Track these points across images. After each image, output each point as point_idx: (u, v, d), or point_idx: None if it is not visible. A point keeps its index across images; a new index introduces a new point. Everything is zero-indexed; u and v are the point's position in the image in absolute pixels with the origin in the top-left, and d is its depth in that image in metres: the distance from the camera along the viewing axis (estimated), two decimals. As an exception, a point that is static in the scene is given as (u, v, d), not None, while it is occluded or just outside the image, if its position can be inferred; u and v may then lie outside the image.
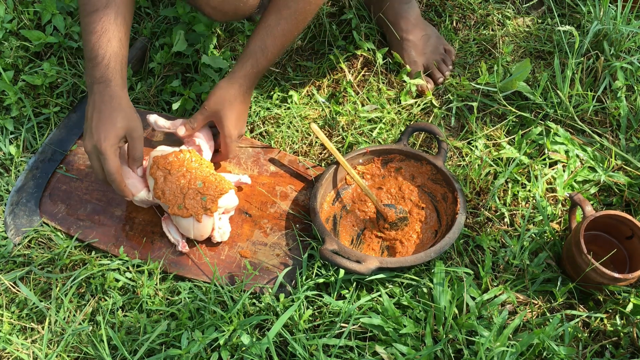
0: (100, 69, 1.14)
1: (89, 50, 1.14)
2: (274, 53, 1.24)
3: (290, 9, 1.20)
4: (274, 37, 1.22)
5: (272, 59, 1.24)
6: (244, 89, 1.25)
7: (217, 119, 1.25)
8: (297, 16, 1.21)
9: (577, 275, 1.14)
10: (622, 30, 1.47)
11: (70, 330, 1.12)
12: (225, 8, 1.15)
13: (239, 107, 1.26)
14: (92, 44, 1.14)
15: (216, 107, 1.24)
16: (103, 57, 1.14)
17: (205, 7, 1.17)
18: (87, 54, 1.15)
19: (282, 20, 1.21)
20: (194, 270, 1.20)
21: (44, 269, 1.22)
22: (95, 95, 1.15)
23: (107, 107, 1.14)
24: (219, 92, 1.24)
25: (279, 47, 1.24)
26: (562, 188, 1.29)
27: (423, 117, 1.48)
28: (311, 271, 1.18)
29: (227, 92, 1.24)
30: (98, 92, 1.15)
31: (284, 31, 1.22)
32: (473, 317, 1.09)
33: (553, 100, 1.43)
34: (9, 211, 1.29)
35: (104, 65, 1.14)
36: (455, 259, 1.22)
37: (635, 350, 1.10)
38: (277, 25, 1.21)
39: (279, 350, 1.11)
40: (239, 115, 1.27)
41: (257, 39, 1.22)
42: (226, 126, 1.25)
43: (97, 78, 1.15)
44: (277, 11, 1.21)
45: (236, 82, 1.24)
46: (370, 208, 1.32)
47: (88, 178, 1.34)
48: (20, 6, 1.52)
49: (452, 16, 1.69)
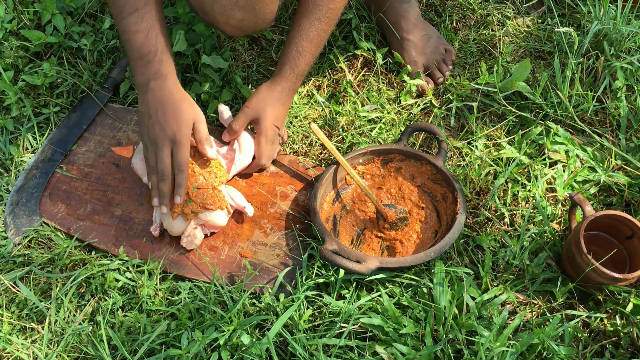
0: (154, 65, 1.16)
1: (138, 49, 1.15)
2: (311, 54, 1.27)
3: (321, 10, 1.23)
4: (309, 39, 1.25)
5: (310, 60, 1.28)
6: (285, 92, 1.28)
7: (256, 119, 1.28)
8: (329, 15, 1.25)
9: (577, 275, 1.14)
10: (622, 30, 1.47)
11: (70, 330, 1.12)
12: (244, 25, 1.17)
13: (279, 109, 1.29)
14: (141, 42, 1.15)
15: (258, 107, 1.27)
16: (155, 53, 1.16)
17: (225, 26, 1.18)
18: (134, 53, 1.16)
19: (315, 22, 1.24)
20: (194, 270, 1.20)
21: (44, 269, 1.22)
22: (152, 91, 1.16)
23: (171, 101, 1.16)
24: (261, 94, 1.28)
25: (314, 48, 1.27)
26: (562, 188, 1.29)
27: (423, 117, 1.48)
28: (311, 271, 1.18)
29: (269, 94, 1.28)
30: (156, 88, 1.16)
31: (319, 31, 1.25)
32: (473, 317, 1.09)
33: (553, 100, 1.43)
34: (8, 211, 1.29)
35: (158, 61, 1.16)
36: (455, 259, 1.22)
37: (635, 350, 1.10)
38: (311, 27, 1.24)
39: (279, 350, 1.11)
40: (278, 116, 1.30)
41: (293, 44, 1.26)
42: (263, 125, 1.28)
43: (152, 75, 1.16)
44: (308, 14, 1.24)
45: (278, 84, 1.28)
46: (370, 208, 1.32)
47: (88, 178, 1.34)
48: (20, 6, 1.52)
49: (452, 16, 1.69)
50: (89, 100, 1.45)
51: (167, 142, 1.15)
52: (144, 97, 1.18)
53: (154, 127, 1.16)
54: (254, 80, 1.54)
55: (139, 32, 1.15)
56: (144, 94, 1.18)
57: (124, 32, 1.16)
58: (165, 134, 1.15)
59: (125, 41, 1.16)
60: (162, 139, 1.15)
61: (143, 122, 1.19)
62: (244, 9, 1.14)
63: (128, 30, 1.15)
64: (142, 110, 1.18)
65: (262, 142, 1.30)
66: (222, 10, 1.14)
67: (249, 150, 1.31)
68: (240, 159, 1.30)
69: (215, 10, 1.14)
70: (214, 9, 1.14)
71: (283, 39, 1.61)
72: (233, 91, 1.47)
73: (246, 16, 1.15)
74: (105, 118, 1.44)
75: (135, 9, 1.14)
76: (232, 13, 1.14)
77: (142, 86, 1.18)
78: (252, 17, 1.15)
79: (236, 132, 1.29)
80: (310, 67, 1.30)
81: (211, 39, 1.49)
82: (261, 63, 1.57)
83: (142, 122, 1.19)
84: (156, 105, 1.16)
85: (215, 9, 1.14)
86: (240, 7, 1.13)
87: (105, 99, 1.45)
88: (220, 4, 1.13)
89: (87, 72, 1.48)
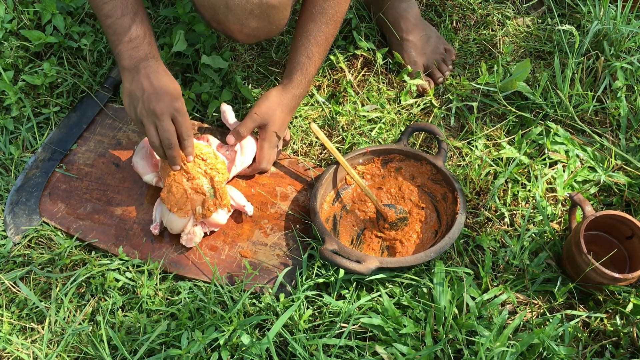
0: (143, 47, 1.17)
1: (124, 32, 1.16)
2: (320, 59, 1.28)
3: (327, 14, 1.24)
4: (318, 44, 1.26)
5: (319, 64, 1.29)
6: (296, 99, 1.30)
7: (263, 125, 1.29)
8: (335, 19, 1.26)
9: (577, 275, 1.14)
10: (622, 30, 1.47)
11: (70, 330, 1.12)
12: (258, 33, 1.16)
13: (287, 116, 1.31)
14: (127, 25, 1.16)
15: (267, 113, 1.27)
16: (144, 37, 1.17)
17: (239, 35, 1.17)
18: (121, 37, 1.16)
19: (322, 26, 1.25)
20: (194, 270, 1.20)
21: (44, 269, 1.22)
22: (143, 71, 1.17)
23: (161, 78, 1.17)
24: (271, 99, 1.28)
25: (323, 51, 1.28)
26: (562, 188, 1.29)
27: (423, 117, 1.48)
28: (311, 271, 1.18)
29: (280, 100, 1.28)
30: (147, 68, 1.17)
31: (326, 35, 1.26)
32: (473, 317, 1.09)
33: (553, 100, 1.43)
34: (8, 210, 1.29)
35: (147, 43, 1.18)
36: (455, 259, 1.22)
37: (635, 350, 1.10)
38: (318, 32, 1.25)
39: (279, 350, 1.11)
40: (284, 122, 1.30)
41: (302, 49, 1.26)
42: (269, 131, 1.28)
43: (142, 56, 1.17)
44: (314, 19, 1.25)
45: (289, 92, 1.29)
46: (370, 208, 1.32)
47: (88, 177, 1.34)
48: (20, 6, 1.52)
49: (452, 16, 1.69)
50: (89, 100, 1.45)
51: (167, 110, 1.15)
52: (134, 75, 1.17)
53: (150, 99, 1.15)
54: (254, 80, 1.54)
55: (124, 16, 1.15)
56: (133, 74, 1.17)
57: (108, 17, 1.16)
58: (164, 103, 1.15)
59: (110, 25, 1.17)
60: (161, 108, 1.15)
61: (135, 97, 1.17)
62: (258, 18, 1.13)
63: (110, 15, 1.15)
64: (133, 89, 1.17)
65: (265, 147, 1.30)
66: (237, 20, 1.13)
67: (250, 152, 1.31)
68: (240, 160, 1.30)
69: (230, 20, 1.13)
70: (228, 18, 1.13)
71: (283, 39, 1.61)
72: (233, 91, 1.47)
73: (261, 24, 1.14)
74: (105, 118, 1.44)
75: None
76: (247, 22, 1.13)
77: (130, 69, 1.18)
78: (266, 24, 1.14)
79: (242, 137, 1.29)
80: (318, 70, 1.31)
81: (211, 39, 1.49)
82: (261, 63, 1.57)
83: (134, 98, 1.17)
84: (149, 81, 1.16)
85: (229, 18, 1.13)
86: (255, 16, 1.12)
87: (105, 99, 1.45)
88: (235, 14, 1.12)
89: (87, 72, 1.48)
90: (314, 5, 1.24)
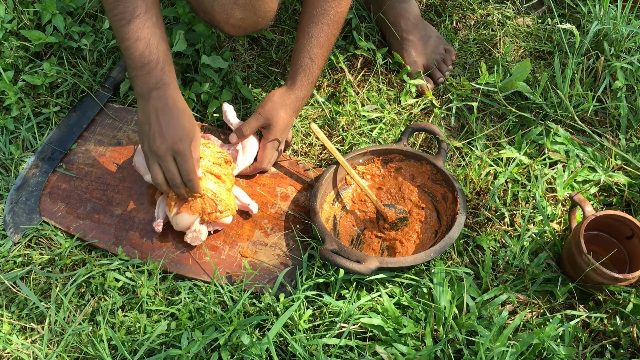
0: (156, 74, 1.14)
1: (138, 57, 1.12)
2: (323, 60, 1.28)
3: (329, 15, 1.24)
4: (321, 45, 1.26)
5: (322, 65, 1.29)
6: (300, 100, 1.29)
7: (267, 125, 1.28)
8: (337, 19, 1.25)
9: (577, 275, 1.14)
10: (622, 30, 1.47)
11: (70, 330, 1.12)
12: (244, 24, 1.16)
13: (291, 117, 1.30)
14: (142, 50, 1.12)
15: (271, 114, 1.27)
16: (157, 62, 1.13)
17: (225, 25, 1.16)
18: (135, 62, 1.13)
19: (324, 27, 1.25)
20: (194, 270, 1.20)
21: (44, 268, 1.22)
22: (154, 100, 1.14)
23: (173, 110, 1.14)
24: (275, 100, 1.27)
25: (325, 52, 1.28)
26: (562, 188, 1.29)
27: (423, 117, 1.48)
28: (311, 271, 1.18)
29: (284, 101, 1.28)
30: (158, 97, 1.14)
31: (329, 36, 1.26)
32: (473, 317, 1.09)
33: (553, 100, 1.43)
34: (8, 209, 1.29)
35: (160, 70, 1.14)
36: (455, 259, 1.22)
37: (635, 350, 1.10)
38: (320, 33, 1.25)
39: (279, 350, 1.11)
40: (288, 123, 1.30)
41: (305, 50, 1.26)
42: (273, 132, 1.28)
43: (154, 84, 1.14)
44: (315, 20, 1.24)
45: (292, 93, 1.28)
46: (370, 208, 1.32)
47: (88, 177, 1.34)
48: (20, 6, 1.52)
49: (452, 16, 1.69)
50: (89, 100, 1.45)
51: (169, 152, 1.14)
52: (145, 105, 1.15)
53: (154, 137, 1.14)
54: (254, 80, 1.54)
55: (139, 40, 1.11)
56: (145, 103, 1.15)
57: (124, 40, 1.12)
58: (166, 144, 1.13)
59: (125, 49, 1.13)
60: (163, 150, 1.13)
61: (144, 132, 1.16)
62: (243, 8, 1.13)
63: (126, 39, 1.11)
64: (143, 120, 1.16)
65: (267, 147, 1.30)
66: (222, 10, 1.13)
67: (252, 152, 1.31)
68: (242, 159, 1.30)
69: (215, 9, 1.13)
70: (213, 8, 1.13)
71: (283, 39, 1.61)
72: (233, 91, 1.47)
73: (246, 15, 1.14)
74: (105, 118, 1.44)
75: (137, 16, 1.10)
76: (232, 12, 1.13)
77: (143, 95, 1.15)
78: (252, 15, 1.15)
79: (245, 136, 1.29)
80: (321, 70, 1.30)
81: (211, 39, 1.49)
82: (261, 63, 1.57)
83: (143, 131, 1.17)
84: (157, 114, 1.14)
85: (215, 8, 1.13)
86: (239, 6, 1.13)
87: (105, 99, 1.45)
88: (220, 3, 1.12)
89: (87, 72, 1.48)
90: (314, 6, 1.24)
